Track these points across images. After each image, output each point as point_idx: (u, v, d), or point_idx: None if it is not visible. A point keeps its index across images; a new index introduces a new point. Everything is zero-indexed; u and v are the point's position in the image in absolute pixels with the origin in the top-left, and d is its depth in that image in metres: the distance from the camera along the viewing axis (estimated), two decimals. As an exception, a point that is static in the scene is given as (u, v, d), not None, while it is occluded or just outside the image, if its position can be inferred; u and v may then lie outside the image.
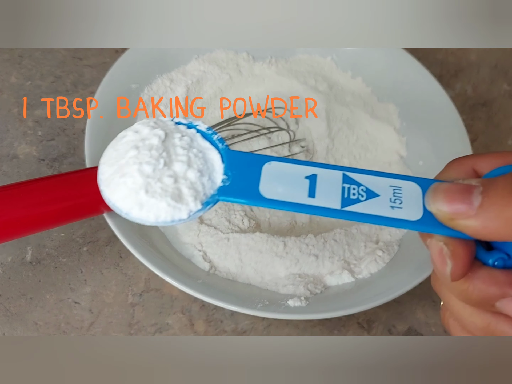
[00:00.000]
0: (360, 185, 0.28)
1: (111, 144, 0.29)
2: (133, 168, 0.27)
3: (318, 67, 0.54)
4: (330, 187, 0.27)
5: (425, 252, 0.43)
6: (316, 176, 0.28)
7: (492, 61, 0.60)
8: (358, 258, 0.44)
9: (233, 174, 0.28)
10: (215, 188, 0.28)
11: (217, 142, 0.29)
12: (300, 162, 0.29)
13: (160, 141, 0.28)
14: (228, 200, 0.28)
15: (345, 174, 0.28)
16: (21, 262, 0.44)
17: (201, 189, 0.28)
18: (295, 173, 0.28)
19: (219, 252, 0.43)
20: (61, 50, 0.54)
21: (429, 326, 0.44)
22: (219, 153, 0.29)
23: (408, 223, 0.26)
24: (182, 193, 0.27)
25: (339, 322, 0.44)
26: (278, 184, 0.28)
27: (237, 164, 0.28)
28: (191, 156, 0.28)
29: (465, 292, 0.26)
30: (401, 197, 0.27)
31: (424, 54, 0.57)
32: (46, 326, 0.41)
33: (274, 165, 0.28)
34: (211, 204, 0.28)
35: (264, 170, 0.28)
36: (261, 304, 0.40)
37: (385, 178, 0.28)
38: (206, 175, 0.28)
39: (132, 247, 0.39)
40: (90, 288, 0.43)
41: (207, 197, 0.28)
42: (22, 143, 0.49)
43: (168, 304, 0.43)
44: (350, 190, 0.27)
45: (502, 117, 0.57)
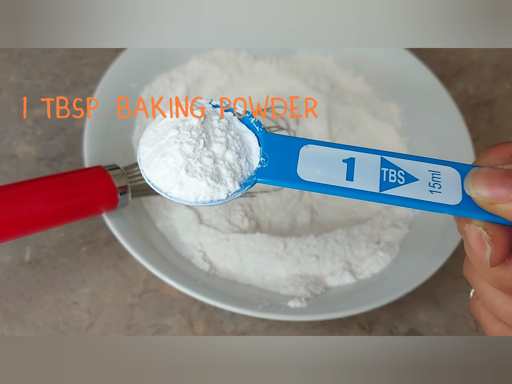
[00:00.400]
0: (398, 169, 0.28)
1: (149, 126, 0.29)
2: (174, 148, 0.28)
3: (319, 66, 0.53)
4: (369, 171, 0.28)
5: (426, 253, 0.43)
6: (354, 159, 0.28)
7: (494, 61, 0.60)
8: (359, 259, 0.44)
9: (271, 156, 0.28)
10: (252, 170, 0.29)
11: (254, 125, 0.30)
12: (338, 146, 0.29)
13: (200, 123, 0.28)
14: (266, 182, 0.28)
15: (383, 158, 0.28)
16: (20, 262, 0.43)
17: (239, 170, 0.28)
18: (333, 156, 0.28)
19: (219, 253, 0.43)
20: (60, 49, 0.54)
21: (431, 327, 0.44)
22: (255, 136, 0.29)
23: (447, 207, 0.26)
24: (221, 173, 0.28)
25: (340, 323, 0.43)
26: (316, 167, 0.28)
27: (275, 147, 0.29)
28: (229, 138, 0.29)
29: (501, 278, 0.26)
30: (440, 182, 0.27)
31: (426, 54, 0.56)
32: (45, 326, 0.41)
33: (312, 148, 0.29)
34: (249, 185, 0.28)
35: (301, 153, 0.29)
36: (261, 305, 0.40)
37: (423, 163, 0.28)
38: (243, 157, 0.29)
39: (131, 247, 0.39)
40: (89, 288, 0.43)
41: (244, 178, 0.28)
42: (22, 142, 0.49)
43: (167, 305, 0.43)
44: (388, 174, 0.28)
45: (504, 117, 0.56)
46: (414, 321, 0.44)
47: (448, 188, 0.27)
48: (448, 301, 0.45)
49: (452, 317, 0.45)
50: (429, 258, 0.42)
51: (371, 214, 0.46)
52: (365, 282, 0.43)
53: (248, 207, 0.45)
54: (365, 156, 0.28)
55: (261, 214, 0.46)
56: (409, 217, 0.46)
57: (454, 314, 0.45)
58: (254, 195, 0.46)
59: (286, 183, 0.28)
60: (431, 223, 0.45)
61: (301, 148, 0.29)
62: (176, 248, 0.43)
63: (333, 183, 0.27)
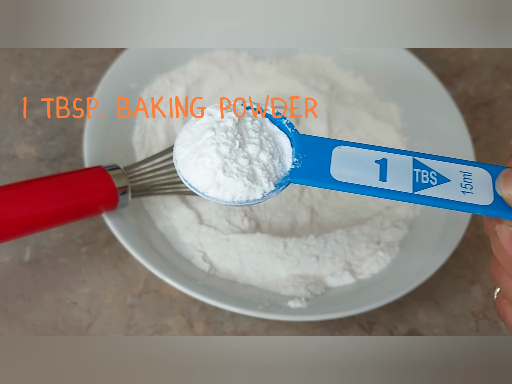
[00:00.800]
0: (430, 170, 0.28)
1: (185, 126, 0.30)
2: (211, 149, 0.28)
3: (319, 67, 0.53)
4: (401, 172, 0.28)
5: (426, 253, 0.43)
6: (387, 160, 0.29)
7: (494, 61, 0.60)
8: (360, 259, 0.44)
9: (304, 157, 0.29)
10: (285, 171, 0.29)
11: (286, 126, 0.30)
12: (370, 147, 0.29)
13: (234, 124, 0.29)
14: (300, 182, 0.29)
15: (415, 159, 0.29)
16: (20, 262, 0.43)
17: (273, 171, 0.29)
18: (365, 157, 0.29)
19: (219, 253, 0.43)
20: (61, 50, 0.54)
21: (431, 327, 0.44)
22: (288, 137, 0.30)
23: (479, 207, 0.27)
24: (256, 174, 0.28)
25: (340, 324, 0.43)
26: (349, 167, 0.29)
27: (307, 148, 0.29)
28: (262, 139, 0.29)
29: None
30: (471, 183, 0.28)
31: (426, 54, 0.56)
32: (44, 326, 0.41)
33: (344, 149, 0.29)
34: (284, 185, 0.29)
35: (334, 153, 0.29)
36: (261, 305, 0.40)
37: (455, 164, 0.29)
38: (277, 158, 0.29)
39: (131, 247, 0.39)
40: (89, 288, 0.43)
41: (278, 179, 0.29)
42: (22, 143, 0.49)
43: (167, 305, 0.43)
44: (421, 174, 0.28)
45: (504, 117, 0.56)
46: (414, 321, 0.44)
47: (480, 189, 0.27)
48: (448, 301, 0.45)
49: (452, 318, 0.45)
50: (429, 258, 0.42)
51: (371, 215, 0.46)
52: (365, 282, 0.43)
53: (248, 207, 0.45)
54: (397, 157, 0.29)
55: (261, 215, 0.46)
56: (409, 217, 0.46)
57: (454, 314, 0.45)
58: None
59: (320, 183, 0.29)
60: (431, 223, 0.45)
61: (334, 149, 0.29)
62: (176, 249, 0.43)
63: (367, 184, 0.28)
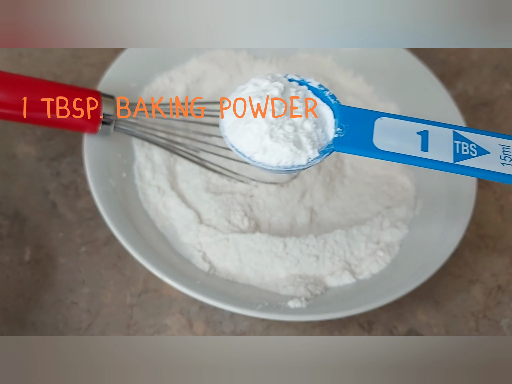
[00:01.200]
0: (470, 142, 0.30)
1: (231, 96, 0.31)
2: (258, 115, 0.30)
3: (319, 66, 0.53)
4: (442, 143, 0.30)
5: (425, 253, 0.43)
6: (428, 132, 0.30)
7: (494, 61, 0.60)
8: (359, 259, 0.44)
9: (347, 127, 0.30)
10: (328, 140, 0.30)
11: (328, 98, 0.32)
12: (411, 119, 0.31)
13: (280, 93, 0.31)
14: (343, 151, 0.30)
15: (456, 132, 0.30)
16: (19, 262, 0.44)
17: (316, 139, 0.30)
18: (407, 129, 0.30)
19: (218, 253, 0.43)
20: (60, 49, 0.54)
21: (430, 327, 0.44)
22: (330, 109, 0.31)
23: None
24: (301, 141, 0.30)
25: (339, 323, 0.43)
26: (391, 137, 0.30)
27: (350, 119, 0.31)
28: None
29: None
30: (510, 155, 0.29)
31: (426, 54, 0.56)
32: (44, 326, 0.41)
33: (386, 120, 0.31)
34: (327, 153, 0.30)
35: (376, 124, 0.30)
36: (260, 305, 0.40)
37: (494, 137, 0.30)
38: (320, 127, 0.31)
39: (130, 247, 0.39)
40: (88, 288, 0.43)
41: (322, 147, 0.30)
42: (21, 142, 0.49)
43: (166, 305, 0.43)
44: (461, 146, 0.30)
45: (503, 117, 0.56)
46: (414, 321, 0.44)
47: None
48: (447, 301, 0.45)
49: (452, 317, 0.45)
50: (429, 258, 0.42)
51: (370, 215, 0.46)
52: (365, 282, 0.43)
53: (248, 207, 0.45)
54: (438, 129, 0.30)
55: (261, 214, 0.46)
56: (409, 217, 0.46)
57: (454, 314, 0.45)
58: (253, 195, 0.46)
59: (363, 152, 0.30)
60: (431, 223, 0.45)
61: (376, 120, 0.31)
62: (175, 248, 0.43)
63: (409, 153, 0.29)
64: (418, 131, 0.30)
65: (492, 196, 0.51)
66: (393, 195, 0.48)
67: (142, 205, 0.44)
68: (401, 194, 0.48)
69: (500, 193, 0.51)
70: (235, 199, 0.45)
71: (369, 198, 0.47)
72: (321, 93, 0.32)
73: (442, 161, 0.29)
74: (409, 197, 0.47)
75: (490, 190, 0.51)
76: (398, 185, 0.48)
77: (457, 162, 0.29)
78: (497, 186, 0.51)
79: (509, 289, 0.46)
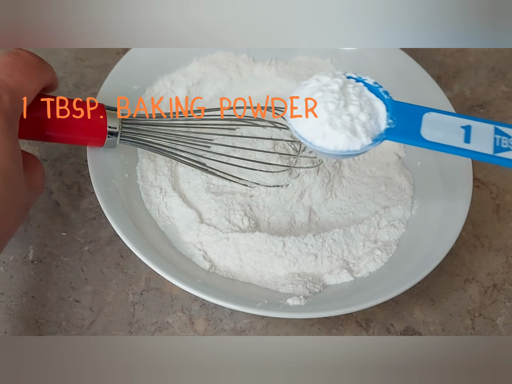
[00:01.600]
0: (510, 137, 0.33)
1: (295, 90, 0.36)
2: (319, 106, 0.34)
3: (317, 69, 0.54)
4: (484, 136, 0.33)
5: (422, 252, 0.44)
6: (471, 127, 0.34)
7: (490, 63, 0.60)
8: (357, 258, 0.45)
9: (397, 119, 0.34)
10: (380, 130, 0.34)
11: (382, 94, 0.36)
12: (456, 115, 0.34)
13: (339, 88, 0.35)
14: (393, 139, 0.34)
15: (497, 128, 0.34)
16: (23, 261, 0.44)
17: (370, 129, 0.34)
18: (452, 123, 0.34)
19: (219, 252, 0.43)
20: (63, 51, 0.55)
21: (427, 325, 0.45)
22: (383, 104, 0.35)
23: None
24: (356, 129, 0.34)
25: (337, 321, 0.44)
26: (437, 130, 0.34)
27: (401, 112, 0.34)
28: (362, 103, 0.35)
29: None
30: None
31: (423, 55, 0.57)
32: (47, 324, 0.42)
33: (433, 115, 0.34)
34: (379, 141, 0.34)
35: (424, 118, 0.34)
36: (260, 303, 0.40)
37: None
38: (373, 119, 0.34)
39: (133, 246, 0.39)
40: (91, 287, 0.44)
41: (374, 136, 0.34)
42: (25, 143, 0.49)
43: (168, 303, 0.44)
44: (501, 140, 0.33)
45: (500, 118, 0.57)
46: (410, 319, 0.45)
47: None
48: (444, 299, 0.46)
49: (448, 316, 0.45)
50: (425, 257, 0.43)
51: (368, 215, 0.47)
52: (362, 281, 0.43)
53: (248, 206, 0.46)
54: (480, 125, 0.34)
55: (260, 214, 0.46)
56: (406, 217, 0.47)
57: (450, 312, 0.45)
58: (254, 195, 0.47)
59: (411, 141, 0.34)
60: (428, 223, 0.46)
61: (424, 114, 0.34)
62: (177, 247, 0.44)
63: (453, 144, 0.33)
64: (462, 126, 0.34)
65: (488, 195, 0.52)
66: (390, 195, 0.48)
67: (144, 205, 0.45)
68: (398, 194, 0.48)
69: (496, 193, 0.52)
70: (235, 199, 0.46)
71: (367, 198, 0.48)
72: (375, 89, 0.36)
73: (482, 152, 0.33)
74: (406, 197, 0.48)
75: (486, 190, 0.52)
76: (396, 186, 0.49)
77: (496, 154, 0.32)
78: (493, 186, 0.52)
79: (504, 288, 0.47)
